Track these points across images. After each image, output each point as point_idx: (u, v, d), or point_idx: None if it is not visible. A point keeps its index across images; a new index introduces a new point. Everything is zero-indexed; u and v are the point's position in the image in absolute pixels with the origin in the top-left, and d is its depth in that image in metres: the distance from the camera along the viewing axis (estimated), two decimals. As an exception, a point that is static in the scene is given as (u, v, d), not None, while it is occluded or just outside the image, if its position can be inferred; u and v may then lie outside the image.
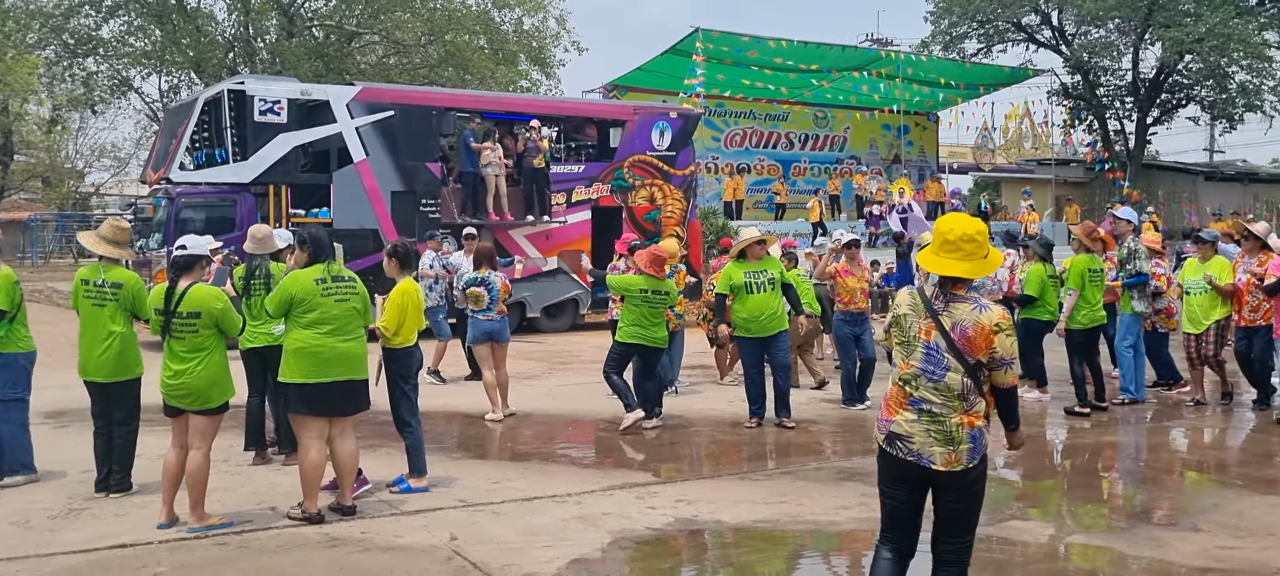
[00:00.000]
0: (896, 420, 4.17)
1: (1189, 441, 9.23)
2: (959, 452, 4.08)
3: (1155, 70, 36.12)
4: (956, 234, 4.15)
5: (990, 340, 4.06)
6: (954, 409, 4.08)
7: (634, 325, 9.42)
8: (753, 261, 9.61)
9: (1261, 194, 41.19)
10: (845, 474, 7.95)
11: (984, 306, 4.12)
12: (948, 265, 4.14)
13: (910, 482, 4.19)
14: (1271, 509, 6.74)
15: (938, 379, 4.09)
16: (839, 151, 34.49)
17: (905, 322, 4.22)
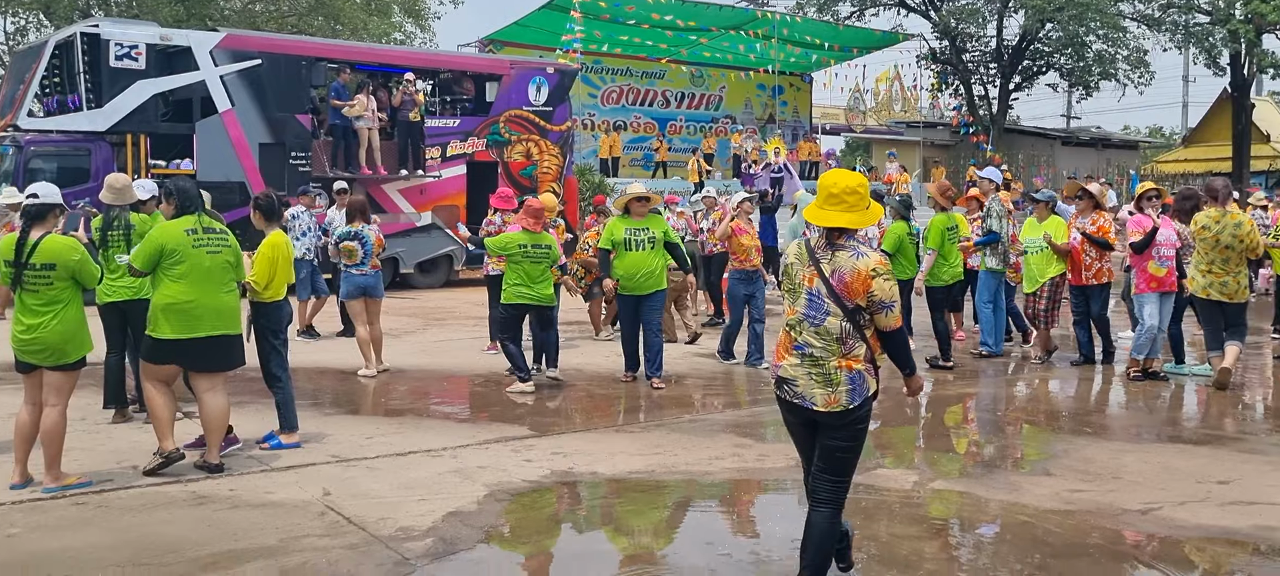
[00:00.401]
0: (783, 364, 4.39)
1: (1043, 393, 9.66)
2: (838, 393, 4.28)
3: (1018, 38, 37.33)
4: (840, 187, 4.33)
5: (867, 284, 4.24)
6: (833, 352, 4.28)
7: (518, 284, 9.30)
8: (636, 218, 9.57)
9: (1114, 159, 43.11)
10: (719, 425, 8.09)
11: (861, 253, 4.31)
12: (832, 217, 4.32)
13: (803, 422, 4.43)
14: (1117, 454, 7.11)
15: (818, 323, 4.29)
16: (714, 110, 34.75)
17: (793, 271, 4.43)
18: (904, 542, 5.33)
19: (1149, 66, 37.49)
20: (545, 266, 9.38)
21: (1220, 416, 8.60)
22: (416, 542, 5.34)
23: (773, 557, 5.16)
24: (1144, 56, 37.33)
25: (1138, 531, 5.55)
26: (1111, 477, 6.51)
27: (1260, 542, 5.36)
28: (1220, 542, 5.38)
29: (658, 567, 5.06)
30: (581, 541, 5.66)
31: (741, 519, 6.07)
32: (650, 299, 9.54)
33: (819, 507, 4.41)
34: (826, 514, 4.39)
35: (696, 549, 5.31)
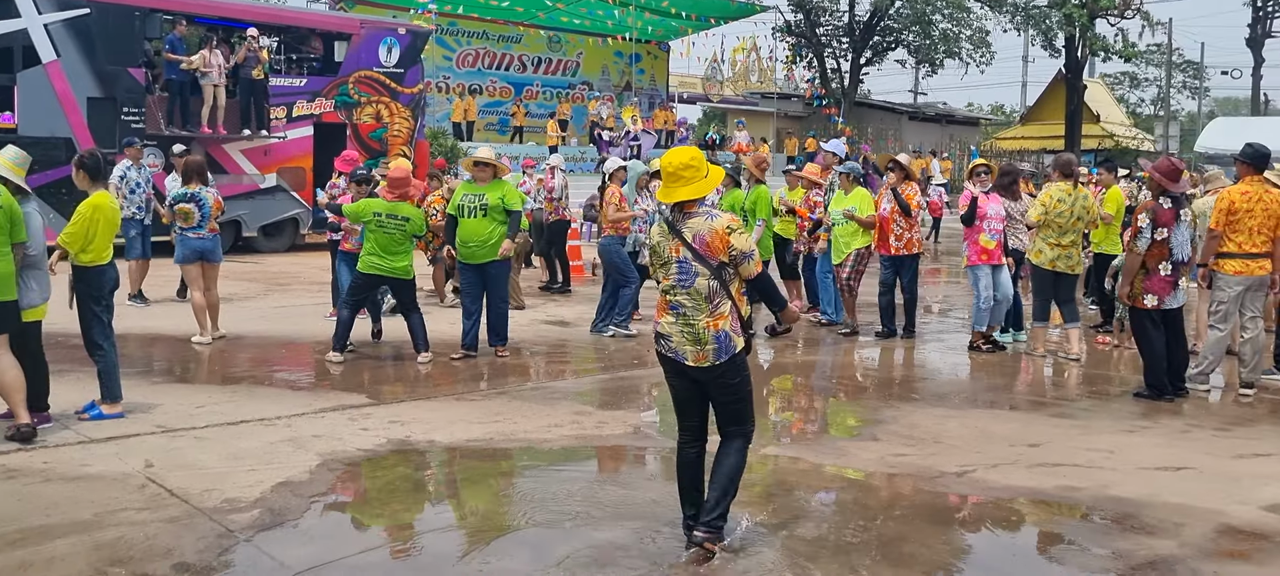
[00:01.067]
0: (661, 322, 4.81)
1: (877, 361, 10.01)
2: (706, 351, 4.65)
3: (869, 14, 38.32)
4: (676, 165, 4.72)
5: (726, 240, 4.63)
6: (702, 310, 4.65)
7: (370, 253, 8.93)
8: (477, 184, 9.30)
9: (957, 134, 44.78)
10: (560, 393, 8.13)
11: (713, 215, 4.71)
12: (675, 193, 4.71)
13: (680, 376, 4.81)
14: (940, 420, 7.43)
15: (689, 285, 4.68)
16: (571, 76, 34.66)
17: (660, 248, 4.80)
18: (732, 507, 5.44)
19: (990, 46, 39.00)
20: (402, 238, 8.95)
21: (1038, 384, 9.07)
22: (242, 514, 5.21)
23: (603, 520, 5.22)
24: (986, 37, 38.81)
25: (953, 492, 5.81)
26: (933, 442, 6.80)
27: (1062, 501, 5.68)
28: (1026, 502, 5.68)
29: (489, 533, 5.06)
30: (413, 509, 5.62)
31: (576, 484, 6.11)
32: (489, 268, 9.22)
33: (729, 442, 4.85)
34: (738, 445, 4.84)
35: (529, 514, 5.33)
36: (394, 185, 9.14)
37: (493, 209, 9.11)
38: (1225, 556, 4.88)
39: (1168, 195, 8.14)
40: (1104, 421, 7.49)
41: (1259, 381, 8.61)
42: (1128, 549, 4.94)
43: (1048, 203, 9.48)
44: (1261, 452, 6.72)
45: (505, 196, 9.23)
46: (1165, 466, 6.35)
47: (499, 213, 9.15)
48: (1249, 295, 8.44)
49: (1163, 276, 8.09)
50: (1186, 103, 52.61)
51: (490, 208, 9.10)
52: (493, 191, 9.18)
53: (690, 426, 4.93)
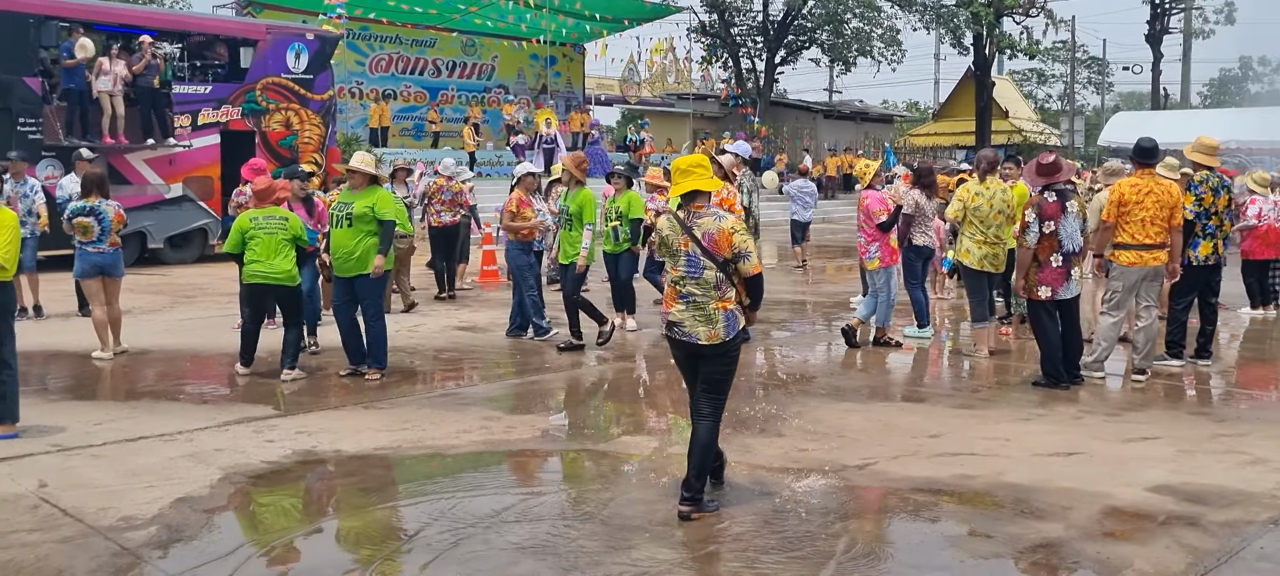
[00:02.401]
0: (672, 311, 5.41)
1: (782, 359, 10.15)
2: (717, 330, 5.32)
3: (783, 13, 38.77)
4: (688, 163, 5.45)
5: (730, 239, 5.28)
6: (711, 297, 5.31)
7: (252, 261, 8.58)
8: (352, 191, 8.80)
9: (871, 132, 45.50)
10: (470, 400, 8.11)
11: (721, 216, 5.37)
12: (689, 184, 5.35)
13: (687, 356, 5.45)
14: (843, 414, 7.57)
15: (698, 276, 5.30)
16: (487, 80, 34.49)
17: (670, 241, 5.42)
18: (641, 505, 5.51)
19: (901, 45, 39.71)
20: (283, 241, 8.64)
21: (938, 376, 9.28)
22: (139, 532, 5.13)
23: (507, 522, 5.23)
24: (897, 35, 39.50)
25: (854, 485, 5.93)
26: (837, 436, 6.92)
27: (959, 490, 5.83)
28: (925, 491, 5.82)
29: (394, 542, 5.05)
30: (317, 520, 5.58)
31: (481, 489, 6.10)
32: (356, 282, 8.64)
33: (701, 421, 5.42)
34: (708, 426, 5.41)
35: (432, 520, 5.32)
36: (261, 197, 8.80)
37: (359, 218, 8.56)
38: (1108, 537, 5.05)
39: (1052, 189, 8.39)
40: (1002, 410, 7.69)
41: (1151, 367, 8.92)
42: (1017, 533, 5.09)
43: (965, 198, 9.61)
44: (1149, 436, 6.96)
45: (376, 205, 8.65)
46: (1058, 452, 6.55)
47: (367, 223, 8.60)
48: (1144, 285, 8.74)
49: (1054, 268, 8.33)
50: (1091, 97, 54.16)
51: (356, 217, 8.56)
52: (361, 200, 8.65)
53: (698, 405, 5.48)
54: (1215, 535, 5.06)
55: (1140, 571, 4.61)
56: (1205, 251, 9.24)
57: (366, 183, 8.82)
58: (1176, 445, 6.70)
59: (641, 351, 10.34)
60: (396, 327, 11.19)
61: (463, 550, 4.89)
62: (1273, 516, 5.32)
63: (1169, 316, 9.57)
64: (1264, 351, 10.69)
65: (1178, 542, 4.96)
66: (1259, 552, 4.86)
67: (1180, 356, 9.30)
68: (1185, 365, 9.24)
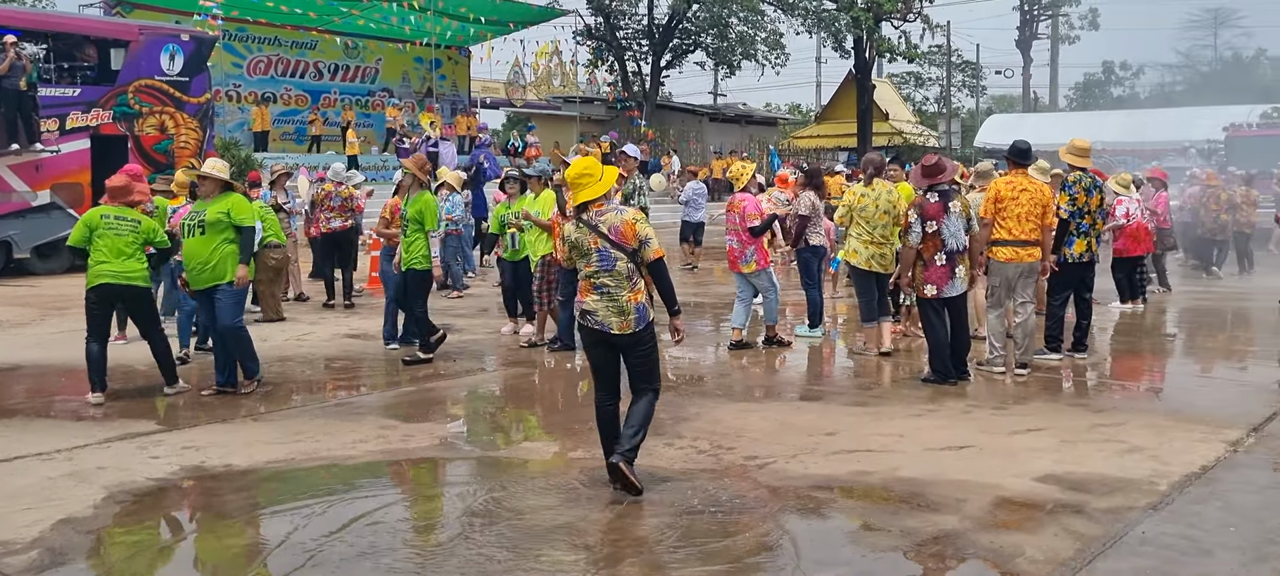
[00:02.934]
0: (586, 301, 5.77)
1: (679, 361, 10.21)
2: (629, 320, 5.70)
3: (667, 17, 39.05)
4: (576, 173, 5.75)
5: (634, 229, 5.70)
6: (623, 288, 5.68)
7: (99, 262, 8.02)
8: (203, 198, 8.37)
9: (756, 134, 46.10)
10: (364, 409, 7.96)
11: (621, 210, 5.81)
12: (582, 195, 5.70)
13: (602, 344, 5.79)
14: (741, 414, 7.65)
15: (611, 268, 5.66)
16: (370, 83, 33.91)
17: (580, 243, 5.74)
18: (545, 512, 5.47)
19: (784, 48, 40.36)
20: (133, 241, 8.09)
21: (832, 375, 9.46)
22: (18, 557, 4.89)
23: (411, 532, 5.15)
24: (780, 39, 40.14)
25: (755, 484, 6.00)
26: (736, 436, 6.99)
27: (856, 485, 5.95)
28: (824, 488, 5.92)
29: (290, 557, 4.91)
30: (209, 537, 5.39)
31: (383, 499, 5.99)
32: (213, 293, 8.22)
33: (641, 396, 5.83)
34: (648, 398, 5.83)
35: (332, 532, 5.20)
36: (116, 194, 8.29)
37: (211, 225, 8.13)
38: (1001, 527, 5.22)
39: (935, 189, 8.63)
40: (895, 407, 7.87)
41: (1032, 361, 9.24)
42: (914, 526, 5.21)
43: (852, 200, 9.77)
44: (1034, 428, 7.20)
45: (231, 210, 8.21)
46: (949, 446, 6.73)
47: (223, 230, 8.17)
48: (1020, 281, 9.05)
49: (939, 266, 8.57)
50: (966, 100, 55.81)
51: (208, 225, 8.13)
52: (214, 206, 8.22)
53: (607, 387, 5.91)
54: (1100, 521, 5.26)
55: (1032, 559, 4.77)
56: (1079, 249, 9.60)
57: (219, 189, 8.36)
58: (1059, 436, 6.94)
59: (538, 357, 10.29)
60: (284, 337, 10.95)
61: (367, 564, 4.79)
62: (1152, 502, 5.56)
63: (1047, 312, 9.93)
64: (1134, 344, 11.16)
65: (1065, 530, 5.14)
66: (1141, 537, 5.07)
67: (1058, 350, 9.65)
68: (1063, 359, 9.60)
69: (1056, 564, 4.71)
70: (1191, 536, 5.07)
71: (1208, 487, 5.83)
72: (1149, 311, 13.10)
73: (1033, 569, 4.66)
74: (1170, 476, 6.00)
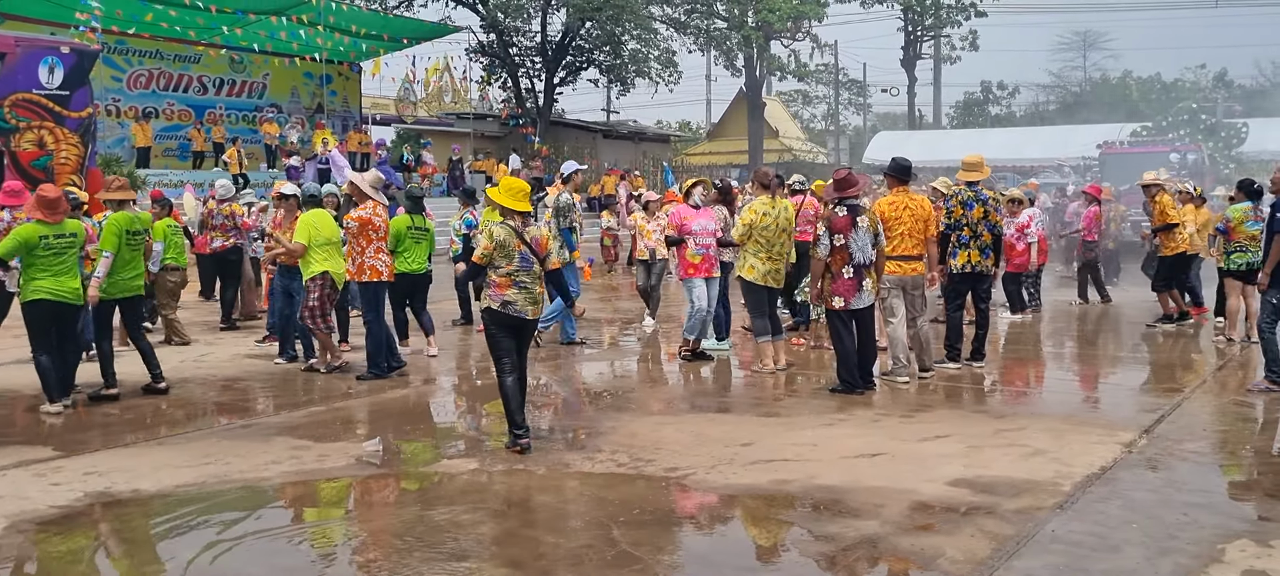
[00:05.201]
0: (507, 294, 7.01)
1: (594, 375, 10.24)
2: (538, 308, 7.23)
3: (561, 34, 39.08)
4: (517, 190, 7.15)
5: (546, 243, 7.29)
6: (537, 283, 7.12)
7: (37, 279, 8.06)
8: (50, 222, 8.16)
9: (649, 151, 46.43)
10: (274, 429, 7.77)
11: (539, 225, 7.55)
12: (521, 206, 7.10)
13: (512, 329, 7.10)
14: (657, 427, 7.71)
15: (529, 268, 7.05)
16: (258, 98, 33.11)
17: (507, 244, 6.96)
18: (463, 529, 5.43)
19: (677, 66, 40.77)
20: (71, 256, 8.19)
21: (743, 387, 9.58)
22: (-83, 591, 4.66)
23: (332, 551, 5.06)
24: (672, 57, 40.54)
25: (676, 495, 6.05)
26: (654, 449, 7.04)
27: (777, 494, 6.06)
28: (745, 498, 6.01)
29: (212, 585, 4.78)
30: (123, 566, 5.21)
31: (304, 520, 5.88)
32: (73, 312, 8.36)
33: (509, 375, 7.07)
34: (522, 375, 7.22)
35: (253, 557, 5.08)
36: (51, 208, 8.12)
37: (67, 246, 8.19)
38: (921, 530, 5.37)
39: (844, 203, 8.85)
40: (806, 417, 8.02)
41: (933, 370, 9.52)
42: (837, 532, 5.33)
43: (753, 218, 9.82)
44: (941, 434, 7.42)
45: (79, 233, 8.34)
46: (863, 453, 6.90)
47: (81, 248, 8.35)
48: (912, 294, 9.35)
49: (846, 279, 8.77)
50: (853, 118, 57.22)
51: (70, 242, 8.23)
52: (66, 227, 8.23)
53: (512, 363, 7.11)
54: (1012, 522, 5.46)
55: (953, 559, 4.92)
56: (961, 261, 9.88)
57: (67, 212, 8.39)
58: (966, 442, 7.17)
59: (445, 374, 10.20)
60: (181, 359, 10.65)
61: (291, 585, 4.70)
62: (1058, 502, 5.79)
63: (946, 321, 10.24)
64: (1028, 352, 11.58)
65: (981, 531, 5.32)
66: (1051, 535, 5.27)
67: (958, 360, 9.96)
68: (962, 366, 9.90)
69: (976, 563, 4.87)
70: (1098, 533, 5.29)
71: (1108, 487, 6.09)
72: (1038, 322, 13.61)
73: (954, 569, 4.81)
74: (1073, 477, 6.25)
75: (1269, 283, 8.82)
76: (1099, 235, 15.85)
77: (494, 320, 7.10)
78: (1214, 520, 5.51)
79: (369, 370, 9.71)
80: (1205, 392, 9.03)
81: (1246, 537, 5.22)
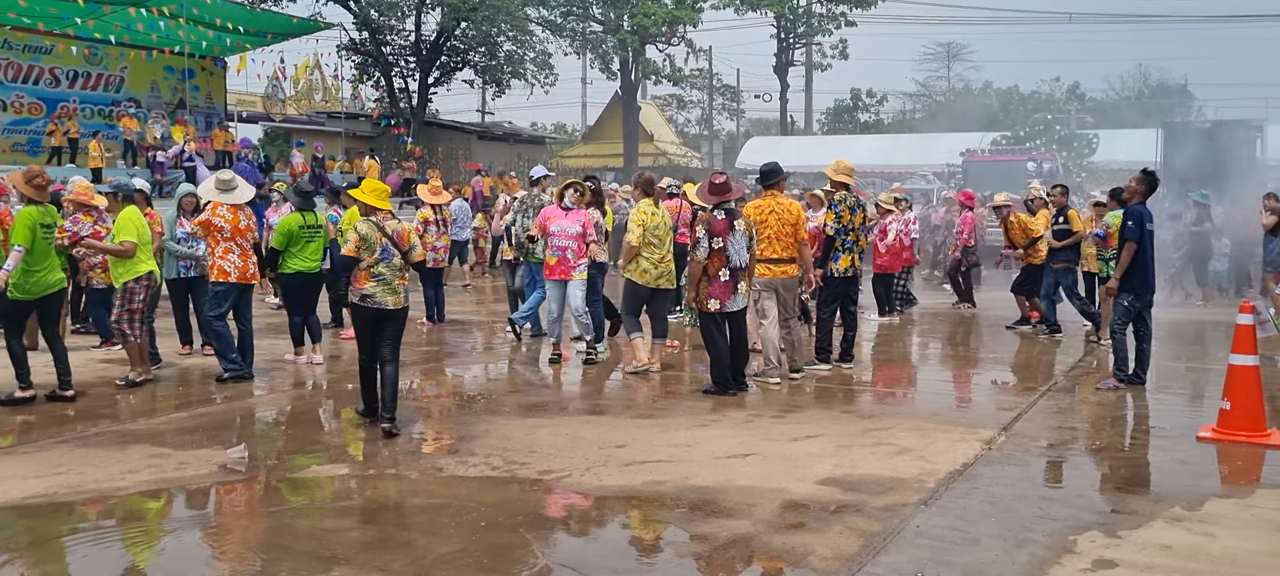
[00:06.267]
0: (366, 287, 7.53)
1: (462, 379, 10.13)
2: (399, 297, 7.65)
3: (436, 33, 38.59)
4: (379, 189, 7.72)
5: (409, 237, 7.71)
6: (397, 276, 7.61)
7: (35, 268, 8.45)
8: None
9: (524, 153, 46.23)
10: (132, 437, 7.47)
11: (400, 220, 7.87)
12: (385, 204, 7.69)
13: (371, 321, 7.61)
14: (531, 430, 7.67)
15: (389, 260, 7.55)
16: (116, 92, 31.80)
17: (370, 238, 7.48)
18: (334, 535, 5.31)
19: (553, 68, 40.71)
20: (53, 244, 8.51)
21: (620, 389, 9.60)
22: None
23: (200, 566, 4.88)
24: (548, 59, 40.46)
25: (551, 498, 6.03)
26: (528, 451, 7.00)
27: (651, 495, 6.08)
28: (620, 499, 6.02)
29: (63, 600, 4.56)
30: (-35, 583, 4.93)
31: (161, 531, 5.65)
32: None
33: (388, 365, 7.69)
34: (394, 367, 7.71)
35: (106, 569, 4.86)
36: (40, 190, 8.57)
37: None
38: (791, 528, 5.46)
39: (722, 207, 8.96)
40: (680, 419, 8.09)
41: (803, 371, 9.71)
42: (711, 532, 5.38)
43: (645, 221, 9.80)
44: (811, 434, 7.57)
45: None
46: (735, 454, 6.99)
47: None
48: (784, 296, 9.51)
49: (722, 282, 8.88)
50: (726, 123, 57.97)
51: None
52: None
53: (371, 353, 7.68)
54: (879, 519, 5.60)
55: (822, 557, 5.02)
56: (845, 265, 10.18)
57: None
58: (835, 441, 7.33)
59: (314, 380, 9.97)
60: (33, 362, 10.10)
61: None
62: (923, 498, 5.96)
63: (816, 324, 10.46)
64: (895, 353, 11.90)
65: (849, 528, 5.44)
66: (917, 531, 5.43)
67: (828, 361, 10.18)
68: (832, 368, 10.13)
69: (844, 560, 4.98)
70: (960, 527, 5.47)
71: (970, 483, 6.30)
72: (904, 324, 14.01)
73: (824, 566, 4.90)
74: (937, 474, 6.45)
75: (1120, 287, 9.25)
76: (975, 240, 16.33)
77: (356, 313, 7.67)
78: (1066, 513, 5.75)
79: (225, 370, 9.43)
80: (1059, 391, 9.42)
81: (1096, 529, 5.46)
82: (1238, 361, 7.53)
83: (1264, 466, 6.94)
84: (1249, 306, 7.86)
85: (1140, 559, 5.02)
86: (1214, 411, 7.79)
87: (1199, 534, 5.41)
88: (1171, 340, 12.78)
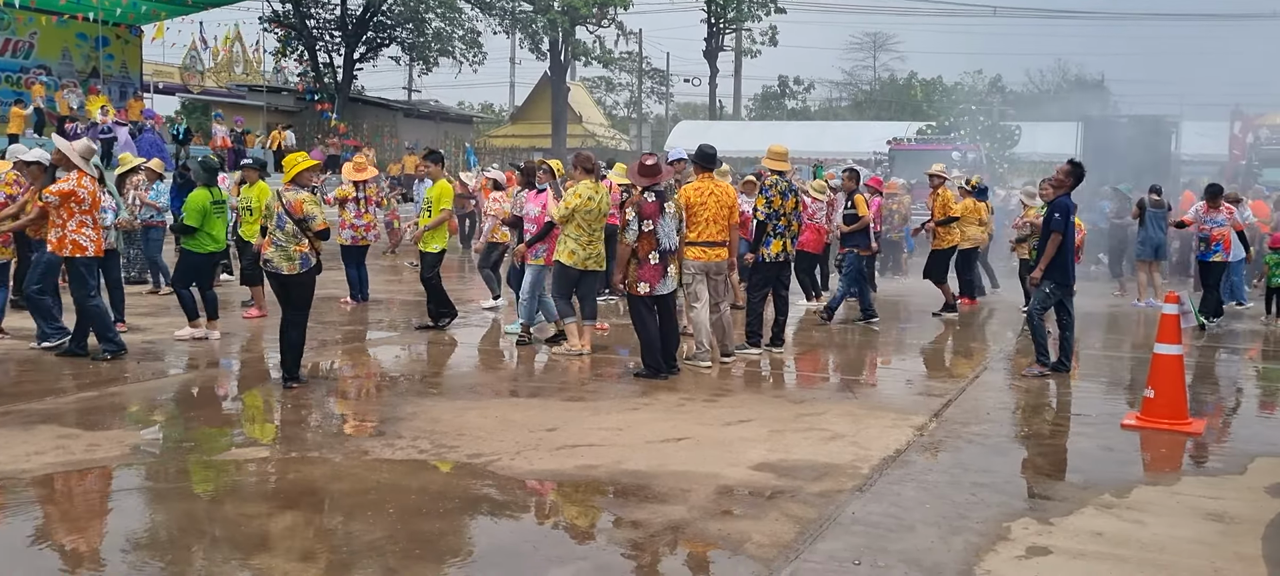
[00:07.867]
0: (267, 252, 8.07)
1: (391, 359, 9.90)
2: (294, 264, 8.07)
3: (362, 8, 37.89)
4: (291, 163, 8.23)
5: (301, 207, 8.03)
6: (292, 242, 8.02)
7: None
8: None
9: (451, 132, 45.69)
10: (36, 416, 7.14)
11: (299, 192, 8.16)
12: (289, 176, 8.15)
13: (276, 285, 8.14)
14: (460, 412, 7.49)
15: (284, 226, 7.98)
16: (25, 59, 30.67)
17: (270, 207, 8.11)
18: (254, 520, 5.10)
19: (482, 46, 40.25)
20: None
21: (548, 371, 9.45)
22: None
23: (111, 553, 4.65)
24: (477, 37, 39.99)
25: (479, 481, 5.87)
26: (457, 434, 6.83)
27: (583, 480, 5.96)
28: (551, 484, 5.89)
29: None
30: None
31: (70, 516, 5.38)
32: None
33: (292, 330, 8.17)
34: (298, 332, 8.20)
35: (11, 556, 4.60)
36: None
37: None
38: (726, 515, 5.38)
39: (652, 190, 8.84)
40: (611, 402, 7.97)
41: (734, 354, 9.66)
42: (645, 518, 5.28)
43: (577, 202, 9.58)
44: (744, 419, 7.51)
45: None
46: (668, 438, 6.89)
47: None
48: (715, 279, 9.44)
49: (652, 265, 8.78)
50: (655, 106, 57.90)
51: None
52: None
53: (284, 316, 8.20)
54: (814, 505, 5.54)
55: (759, 543, 4.94)
56: (776, 249, 10.12)
57: None
58: (768, 426, 7.28)
59: (228, 358, 9.66)
60: (-70, 338, 9.67)
61: (54, 588, 4.28)
62: (857, 485, 5.92)
63: (747, 308, 10.41)
64: (823, 338, 11.91)
65: (785, 515, 5.37)
66: (852, 517, 5.38)
67: (758, 345, 10.14)
68: (763, 352, 10.09)
69: (781, 546, 4.91)
70: (895, 514, 5.44)
71: (903, 469, 6.29)
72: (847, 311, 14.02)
73: (761, 553, 4.83)
74: (871, 460, 6.42)
75: (1042, 276, 9.35)
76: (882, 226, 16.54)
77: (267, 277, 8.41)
78: (999, 499, 5.75)
79: (103, 348, 9.08)
80: (986, 378, 9.50)
81: (1028, 515, 5.47)
82: (1162, 350, 7.63)
83: (1185, 454, 7.04)
84: (1174, 296, 7.97)
85: (1073, 545, 5.03)
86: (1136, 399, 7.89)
87: (1129, 521, 5.44)
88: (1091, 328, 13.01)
